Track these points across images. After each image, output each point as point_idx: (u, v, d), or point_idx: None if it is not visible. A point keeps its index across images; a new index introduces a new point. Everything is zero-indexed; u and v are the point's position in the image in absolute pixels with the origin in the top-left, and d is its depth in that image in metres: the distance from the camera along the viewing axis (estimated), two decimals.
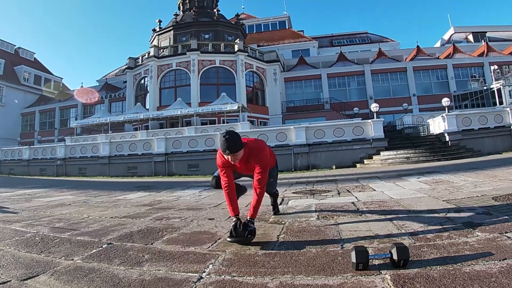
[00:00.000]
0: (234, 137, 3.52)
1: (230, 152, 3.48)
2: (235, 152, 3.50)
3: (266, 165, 3.83)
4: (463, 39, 50.81)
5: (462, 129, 20.36)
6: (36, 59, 57.25)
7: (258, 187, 3.74)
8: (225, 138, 3.47)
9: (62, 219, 5.59)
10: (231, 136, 3.50)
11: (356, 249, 2.53)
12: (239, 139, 3.57)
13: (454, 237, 3.29)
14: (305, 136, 21.38)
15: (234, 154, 3.52)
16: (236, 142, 3.52)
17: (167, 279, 2.55)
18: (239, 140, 3.57)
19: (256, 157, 3.76)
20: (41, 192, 11.62)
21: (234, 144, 3.50)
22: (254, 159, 3.77)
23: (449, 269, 2.44)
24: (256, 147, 3.82)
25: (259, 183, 3.74)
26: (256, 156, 3.76)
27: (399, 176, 10.65)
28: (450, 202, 5.25)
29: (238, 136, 3.58)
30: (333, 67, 41.19)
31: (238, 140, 3.56)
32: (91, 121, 33.48)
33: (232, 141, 3.49)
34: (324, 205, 5.90)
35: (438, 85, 37.58)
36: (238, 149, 3.53)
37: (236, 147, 3.51)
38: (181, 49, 34.92)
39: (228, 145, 3.46)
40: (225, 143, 3.46)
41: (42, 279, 2.65)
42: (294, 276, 2.49)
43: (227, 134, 3.50)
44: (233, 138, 3.51)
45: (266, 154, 3.88)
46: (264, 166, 3.79)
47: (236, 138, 3.54)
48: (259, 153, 3.78)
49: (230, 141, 3.47)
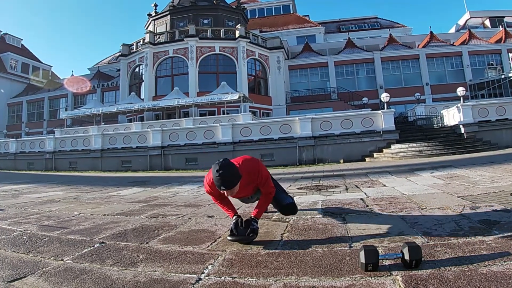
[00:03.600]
0: (229, 170, 3.19)
1: (226, 188, 3.19)
2: (232, 187, 3.23)
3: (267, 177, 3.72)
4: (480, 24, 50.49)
5: (479, 121, 20.27)
6: (24, 46, 57.16)
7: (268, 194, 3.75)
8: (219, 173, 3.13)
9: (52, 217, 5.61)
10: (226, 169, 3.17)
11: (365, 249, 2.53)
12: (235, 171, 3.26)
13: (469, 236, 3.28)
14: (311, 128, 21.34)
15: (231, 190, 3.26)
16: (233, 175, 3.21)
17: (163, 281, 2.55)
18: (236, 172, 3.25)
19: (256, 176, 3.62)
20: (29, 187, 11.65)
21: (231, 178, 3.19)
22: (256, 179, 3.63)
23: (464, 270, 2.42)
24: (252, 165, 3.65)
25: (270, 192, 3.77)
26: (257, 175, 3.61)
27: (411, 171, 10.63)
28: (465, 199, 5.24)
29: (234, 168, 3.26)
30: (340, 54, 41.03)
31: (235, 171, 3.24)
32: (82, 112, 33.49)
33: (228, 175, 3.17)
34: (331, 201, 5.90)
35: (452, 74, 37.43)
36: (236, 183, 3.25)
37: (233, 181, 3.22)
38: (179, 35, 34.84)
39: (223, 181, 3.16)
40: (220, 179, 3.15)
41: (30, 280, 2.65)
42: (299, 278, 2.49)
43: (221, 168, 3.15)
44: (229, 171, 3.18)
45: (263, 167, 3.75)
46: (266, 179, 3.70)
47: (232, 170, 3.22)
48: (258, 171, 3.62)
49: (226, 175, 3.15)
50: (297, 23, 51.92)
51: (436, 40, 41.47)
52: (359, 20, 57.53)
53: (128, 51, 37.64)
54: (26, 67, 52.76)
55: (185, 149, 22.91)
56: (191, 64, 33.55)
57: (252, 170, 3.60)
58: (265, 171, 3.74)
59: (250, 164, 3.65)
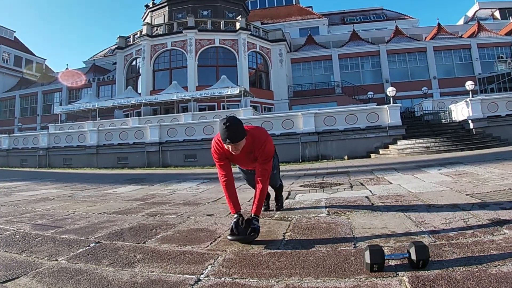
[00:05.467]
0: (236, 124, 3.38)
1: (231, 141, 3.34)
2: (237, 141, 3.38)
3: (270, 154, 3.79)
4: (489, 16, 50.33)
5: (488, 116, 20.24)
6: (17, 38, 57.20)
7: (261, 179, 3.71)
8: (226, 125, 3.31)
9: (45, 215, 5.61)
10: (232, 122, 3.35)
11: (371, 249, 2.52)
12: (241, 126, 3.44)
13: (479, 235, 3.27)
14: (314, 124, 21.35)
15: (236, 144, 3.40)
16: (239, 129, 3.39)
17: (161, 282, 2.54)
18: (242, 128, 3.45)
19: (260, 146, 3.68)
20: (22, 185, 11.67)
21: (236, 132, 3.36)
22: (258, 149, 3.69)
23: (473, 270, 2.41)
24: (260, 135, 3.74)
25: (263, 174, 3.72)
26: (261, 145, 3.68)
27: (418, 168, 10.63)
28: (474, 197, 5.23)
29: (240, 123, 3.45)
30: (345, 47, 41.05)
31: (241, 127, 3.43)
32: (77, 107, 33.50)
33: (234, 128, 3.34)
34: (335, 199, 5.89)
35: (461, 67, 37.42)
36: (241, 137, 3.41)
37: (239, 135, 3.38)
38: (177, 27, 34.82)
39: (229, 133, 3.31)
40: (226, 131, 3.31)
41: (23, 281, 2.65)
42: (301, 278, 2.48)
43: (228, 121, 3.34)
44: (235, 125, 3.37)
45: (271, 143, 3.82)
46: (268, 156, 3.75)
47: (238, 125, 3.40)
48: (264, 141, 3.70)
49: (232, 128, 3.32)
50: (300, 14, 51.88)
51: (444, 32, 41.37)
52: (364, 12, 57.45)
53: (124, 44, 37.65)
54: (19, 60, 52.81)
55: (183, 145, 22.93)
56: (190, 57, 33.55)
57: (258, 138, 3.71)
58: (271, 148, 3.82)
59: (259, 132, 3.83)
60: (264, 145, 3.69)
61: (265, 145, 3.69)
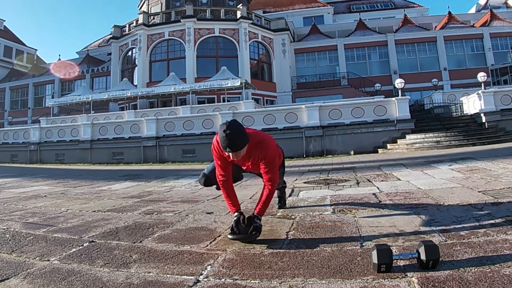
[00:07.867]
0: (237, 131, 3.25)
1: (232, 150, 3.24)
2: (238, 150, 3.28)
3: (274, 162, 3.70)
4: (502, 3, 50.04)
5: (501, 109, 20.17)
6: (7, 28, 57.03)
7: (269, 184, 3.66)
8: (226, 133, 3.18)
9: (37, 213, 5.61)
10: (233, 130, 3.23)
11: (378, 248, 2.51)
12: (243, 133, 3.32)
13: (491, 234, 3.26)
14: (319, 117, 21.35)
15: (236, 153, 3.31)
16: (240, 137, 3.27)
17: (158, 283, 2.54)
18: (243, 135, 3.32)
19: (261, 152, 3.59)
20: (12, 182, 11.70)
21: (237, 140, 3.24)
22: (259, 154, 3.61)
23: (485, 271, 2.41)
24: (262, 140, 3.64)
25: (271, 181, 3.65)
26: (262, 151, 3.59)
27: (428, 163, 10.62)
28: (487, 194, 5.22)
29: (242, 130, 3.32)
30: (351, 36, 40.95)
31: (242, 135, 3.30)
32: (70, 100, 33.50)
33: (235, 136, 3.22)
34: (341, 196, 5.90)
35: (472, 58, 37.34)
36: (242, 146, 3.31)
37: (240, 143, 3.27)
38: (175, 15, 34.77)
39: (230, 141, 3.20)
40: (226, 139, 3.20)
41: (13, 282, 2.65)
42: (306, 279, 2.48)
43: (228, 128, 3.20)
44: (236, 132, 3.24)
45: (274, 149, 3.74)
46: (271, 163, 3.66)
47: (240, 132, 3.28)
48: (266, 147, 3.62)
49: (233, 136, 3.21)
50: (304, 2, 51.67)
51: (455, 21, 41.24)
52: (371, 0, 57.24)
53: (120, 34, 37.63)
54: (9, 50, 52.84)
55: (182, 139, 22.94)
56: (188, 48, 33.50)
57: (262, 143, 3.62)
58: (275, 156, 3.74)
59: (263, 137, 3.72)
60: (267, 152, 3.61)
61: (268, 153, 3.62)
